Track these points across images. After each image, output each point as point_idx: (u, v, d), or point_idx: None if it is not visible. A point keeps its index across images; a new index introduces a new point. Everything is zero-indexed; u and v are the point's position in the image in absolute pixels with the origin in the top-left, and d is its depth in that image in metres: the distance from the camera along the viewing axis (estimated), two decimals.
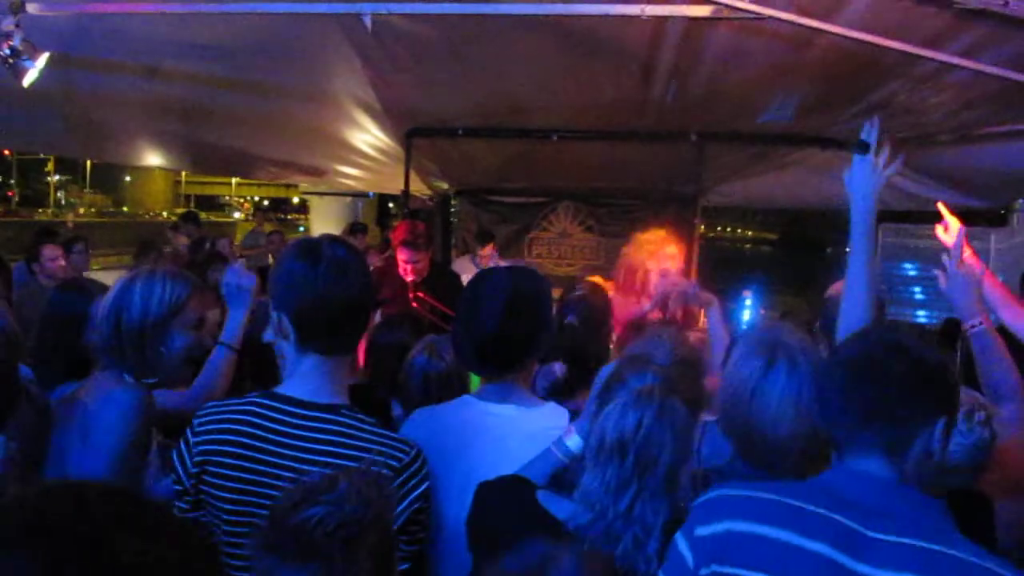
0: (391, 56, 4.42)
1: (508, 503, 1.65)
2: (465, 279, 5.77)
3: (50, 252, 5.89)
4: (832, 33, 3.44)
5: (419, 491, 1.69)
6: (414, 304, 4.46)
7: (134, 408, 2.02)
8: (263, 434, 1.69)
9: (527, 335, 1.98)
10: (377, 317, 3.81)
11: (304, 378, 1.74)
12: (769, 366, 1.67)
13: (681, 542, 1.38)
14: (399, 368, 2.67)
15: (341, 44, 4.24)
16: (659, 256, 4.29)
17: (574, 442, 1.72)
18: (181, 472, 1.76)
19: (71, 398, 2.17)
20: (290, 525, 1.23)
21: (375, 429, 1.71)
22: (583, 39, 4.09)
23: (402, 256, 4.54)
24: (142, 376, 2.15)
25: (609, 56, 4.33)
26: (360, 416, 1.72)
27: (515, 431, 1.85)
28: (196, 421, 1.76)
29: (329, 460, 1.60)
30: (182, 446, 1.75)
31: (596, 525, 1.42)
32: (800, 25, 3.37)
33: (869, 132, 2.18)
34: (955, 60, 3.52)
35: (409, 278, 4.52)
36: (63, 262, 5.95)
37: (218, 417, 1.74)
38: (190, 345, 2.20)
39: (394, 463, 1.65)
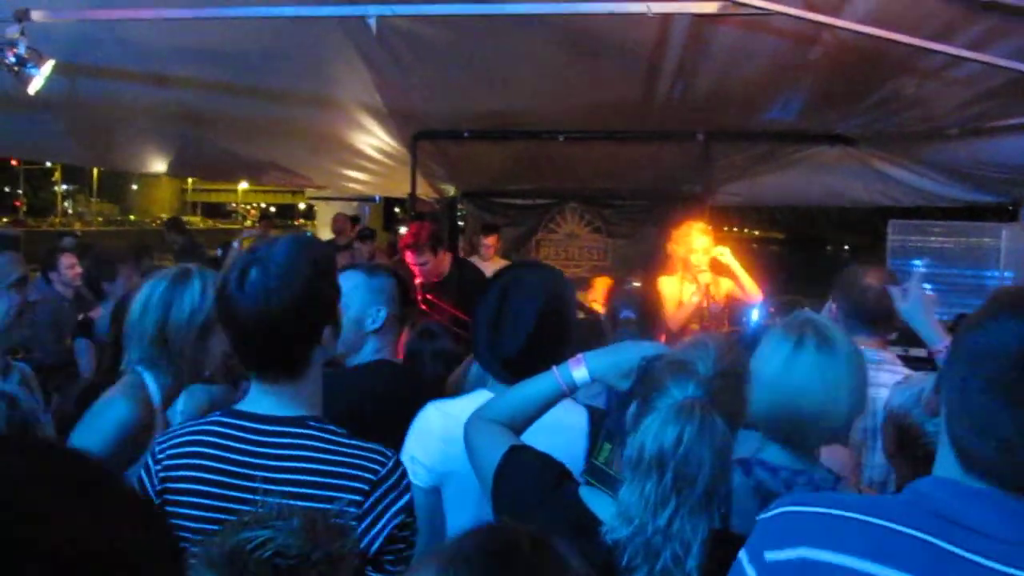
0: (396, 59, 4.42)
1: (547, 493, 1.60)
2: None
3: (67, 260, 6.03)
4: (839, 28, 3.42)
5: (399, 505, 1.56)
6: (423, 307, 4.45)
7: (125, 425, 1.96)
8: (226, 455, 1.59)
9: (554, 350, 1.90)
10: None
11: (263, 392, 1.64)
12: (799, 343, 1.72)
13: (748, 565, 1.21)
14: (446, 376, 2.67)
15: (346, 48, 4.24)
16: (699, 243, 4.56)
17: (580, 374, 1.66)
18: None
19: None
20: (229, 543, 1.22)
21: (346, 441, 1.59)
22: (588, 39, 4.08)
23: (408, 259, 4.57)
24: (188, 379, 2.12)
25: (615, 56, 4.33)
26: (330, 427, 1.61)
27: (535, 426, 1.83)
28: (156, 447, 1.65)
29: (297, 477, 1.54)
30: (142, 473, 1.65)
31: (635, 539, 1.39)
32: (807, 20, 3.35)
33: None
34: (964, 53, 3.50)
35: (417, 280, 4.52)
36: (79, 270, 6.09)
37: (178, 440, 1.63)
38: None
39: (369, 476, 1.55)
